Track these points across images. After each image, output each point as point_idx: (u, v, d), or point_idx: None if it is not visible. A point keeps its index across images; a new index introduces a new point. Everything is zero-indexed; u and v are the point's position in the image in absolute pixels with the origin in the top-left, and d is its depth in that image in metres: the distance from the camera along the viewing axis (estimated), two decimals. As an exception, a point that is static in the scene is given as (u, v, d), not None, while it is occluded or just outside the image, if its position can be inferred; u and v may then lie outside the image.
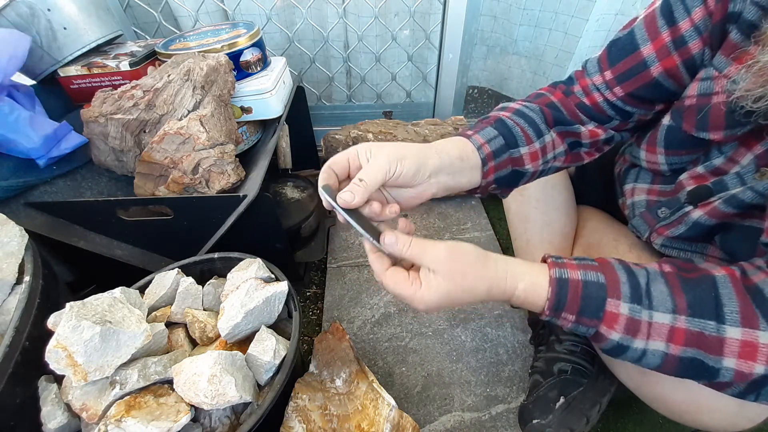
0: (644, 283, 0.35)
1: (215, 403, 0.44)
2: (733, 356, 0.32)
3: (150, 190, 0.68)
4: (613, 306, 0.35)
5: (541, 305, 0.37)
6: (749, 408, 0.41)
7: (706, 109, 0.41)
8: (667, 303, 0.34)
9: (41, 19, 0.69)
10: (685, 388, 0.42)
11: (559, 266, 0.37)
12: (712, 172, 0.43)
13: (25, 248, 0.51)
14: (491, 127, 0.45)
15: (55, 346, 0.42)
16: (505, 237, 1.03)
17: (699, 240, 0.46)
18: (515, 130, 0.45)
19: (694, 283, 0.34)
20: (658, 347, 0.34)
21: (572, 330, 0.38)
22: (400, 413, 0.56)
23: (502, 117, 0.47)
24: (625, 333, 0.35)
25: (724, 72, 0.38)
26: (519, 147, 0.45)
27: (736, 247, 0.42)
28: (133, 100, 0.66)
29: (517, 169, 0.46)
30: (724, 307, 0.32)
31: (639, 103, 0.46)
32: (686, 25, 0.40)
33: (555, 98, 0.50)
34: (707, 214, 0.42)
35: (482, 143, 0.44)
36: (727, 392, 0.34)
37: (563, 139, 0.49)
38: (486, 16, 1.26)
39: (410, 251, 0.37)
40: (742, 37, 0.36)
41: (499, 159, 0.44)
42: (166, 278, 0.59)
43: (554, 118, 0.48)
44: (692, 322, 0.33)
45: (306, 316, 0.87)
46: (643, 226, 0.51)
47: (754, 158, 0.39)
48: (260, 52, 0.81)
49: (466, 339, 0.80)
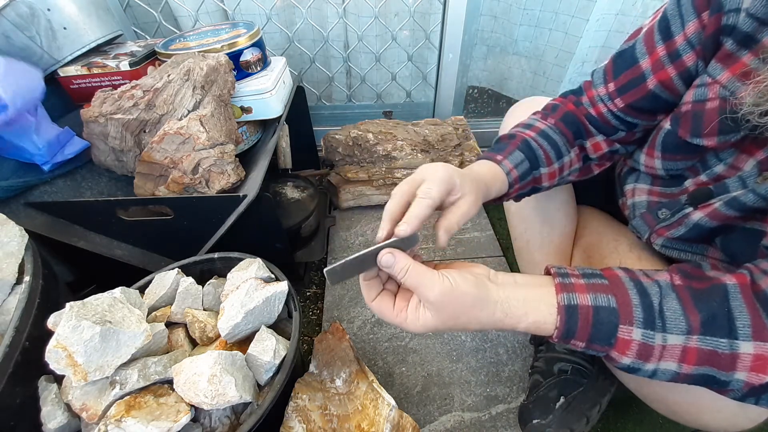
0: (657, 303, 0.34)
1: (215, 403, 0.44)
2: (745, 370, 0.31)
3: (150, 190, 0.68)
4: (625, 333, 0.33)
5: (548, 334, 0.36)
6: (750, 408, 0.41)
7: (700, 115, 0.41)
8: (680, 323, 0.33)
9: (41, 19, 0.69)
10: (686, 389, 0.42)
11: (567, 290, 0.35)
12: (714, 179, 0.43)
13: (25, 248, 0.51)
14: (518, 151, 0.49)
15: (55, 346, 0.42)
16: (505, 237, 1.03)
17: (699, 242, 0.46)
18: (539, 152, 0.49)
19: (706, 297, 0.33)
20: (670, 367, 0.33)
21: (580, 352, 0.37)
22: (400, 413, 0.56)
23: (527, 138, 0.50)
24: (637, 358, 0.34)
25: (717, 78, 0.39)
26: (540, 168, 0.50)
27: (737, 250, 0.42)
28: (133, 100, 0.66)
29: (536, 186, 0.51)
30: (736, 321, 0.32)
31: (639, 114, 0.48)
32: (680, 39, 0.42)
33: (568, 109, 0.53)
34: (708, 216, 0.42)
35: (510, 168, 0.47)
36: (729, 396, 0.34)
37: (580, 158, 0.53)
38: (486, 16, 1.26)
39: (407, 279, 0.35)
40: (737, 47, 0.37)
41: (523, 182, 0.49)
42: (166, 278, 0.59)
43: (573, 135, 0.52)
44: (704, 341, 0.32)
45: (306, 316, 0.87)
46: (644, 227, 0.51)
47: (757, 163, 0.39)
48: (260, 52, 0.81)
49: (466, 339, 0.80)
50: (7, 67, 0.57)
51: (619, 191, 0.60)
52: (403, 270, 0.35)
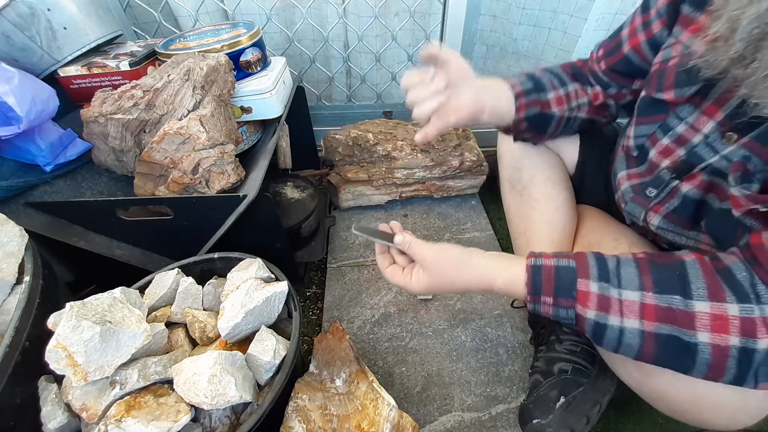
0: (613, 266, 0.39)
1: (215, 403, 0.44)
2: (706, 330, 0.34)
3: (150, 190, 0.68)
4: (583, 285, 0.39)
5: (522, 293, 0.42)
6: (751, 404, 0.41)
7: (662, 72, 0.47)
8: (634, 282, 0.37)
9: (41, 19, 0.69)
10: (687, 384, 0.42)
11: (536, 257, 0.43)
12: (677, 141, 0.46)
13: (25, 248, 0.51)
14: (521, 76, 0.56)
15: (55, 346, 0.42)
16: (505, 237, 1.03)
17: (690, 218, 0.47)
18: (543, 79, 0.57)
19: (663, 265, 0.38)
20: (633, 324, 0.36)
21: (554, 316, 0.41)
22: (400, 413, 0.56)
23: (530, 72, 0.58)
24: (599, 310, 0.38)
25: (679, 38, 0.46)
26: (546, 92, 0.56)
27: (719, 232, 0.44)
28: (133, 100, 0.66)
29: (545, 112, 0.56)
30: (691, 284, 0.35)
31: (617, 76, 0.57)
32: (654, 12, 0.50)
33: (576, 64, 0.62)
34: (695, 187, 0.44)
35: (514, 83, 0.55)
36: (724, 380, 0.35)
37: (585, 91, 0.60)
38: (486, 16, 1.25)
39: (409, 249, 0.49)
40: (692, 9, 0.44)
41: (529, 98, 0.54)
42: (166, 278, 0.59)
43: (573, 74, 0.61)
44: (659, 298, 0.36)
45: (306, 316, 0.87)
46: (637, 208, 0.53)
47: (716, 125, 0.42)
48: (260, 52, 0.81)
49: (466, 339, 0.80)
50: (21, 79, 0.59)
51: (613, 186, 0.61)
52: (407, 243, 0.49)
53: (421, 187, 1.11)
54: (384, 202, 1.12)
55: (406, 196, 1.13)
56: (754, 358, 0.32)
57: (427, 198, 1.15)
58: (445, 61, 0.49)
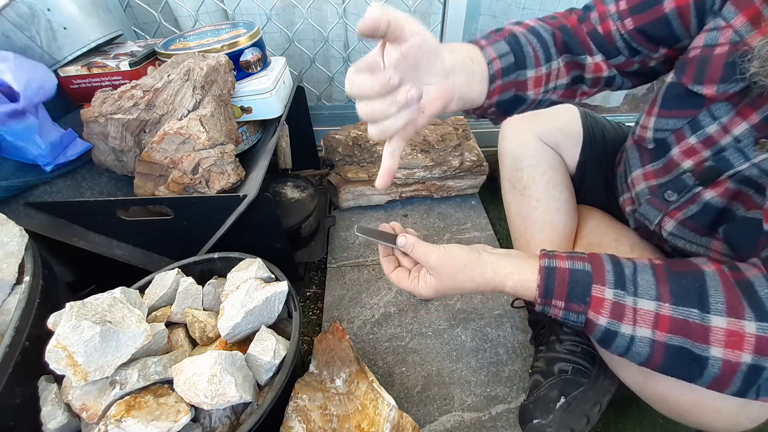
0: (630, 272, 0.37)
1: (215, 403, 0.44)
2: (720, 345, 0.32)
3: (150, 190, 0.68)
4: (598, 291, 0.37)
5: (532, 296, 0.40)
6: (751, 408, 0.41)
7: (706, 60, 0.40)
8: (651, 291, 0.35)
9: (41, 19, 0.69)
10: (688, 387, 0.42)
11: (549, 257, 0.40)
12: (705, 142, 0.42)
13: (25, 248, 0.51)
14: (504, 42, 0.44)
15: (55, 346, 0.42)
16: (505, 237, 1.03)
17: (707, 228, 0.45)
18: (527, 49, 0.45)
19: (681, 274, 0.36)
20: (645, 333, 0.35)
21: (563, 319, 0.39)
22: (400, 413, 0.56)
23: (516, 33, 0.46)
24: (612, 317, 0.36)
25: (731, 22, 0.37)
26: (527, 69, 0.45)
27: (739, 239, 0.41)
28: (133, 100, 0.66)
29: (519, 95, 0.46)
30: (710, 298, 0.33)
31: (644, 41, 0.45)
32: None
33: (569, 23, 0.49)
34: (719, 195, 0.41)
35: (493, 57, 0.43)
36: (727, 392, 0.34)
37: (569, 70, 0.49)
38: (486, 16, 1.25)
39: (412, 252, 0.45)
40: None
41: (506, 79, 0.44)
42: (166, 278, 0.59)
43: (564, 44, 0.48)
44: (676, 309, 0.34)
45: (306, 316, 0.87)
46: (653, 212, 0.49)
47: (750, 128, 0.38)
48: (260, 52, 0.81)
49: (466, 339, 0.80)
50: (17, 59, 0.59)
51: (619, 189, 0.60)
52: (410, 245, 0.45)
53: (421, 187, 1.11)
54: (384, 202, 1.12)
55: (406, 196, 1.13)
56: (762, 375, 0.32)
57: (427, 198, 1.15)
58: (398, 30, 0.31)
